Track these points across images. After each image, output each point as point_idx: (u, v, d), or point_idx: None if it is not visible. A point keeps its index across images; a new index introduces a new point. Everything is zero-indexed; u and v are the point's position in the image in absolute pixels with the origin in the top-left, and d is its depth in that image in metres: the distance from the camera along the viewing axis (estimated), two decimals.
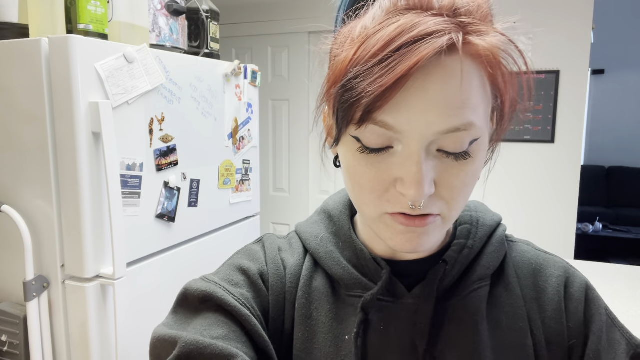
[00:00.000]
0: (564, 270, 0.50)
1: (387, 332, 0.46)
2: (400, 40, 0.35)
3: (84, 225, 1.17)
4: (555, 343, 0.47)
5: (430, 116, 0.36)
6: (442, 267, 0.47)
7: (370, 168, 0.39)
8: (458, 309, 0.46)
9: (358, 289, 0.48)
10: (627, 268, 1.74)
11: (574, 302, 0.48)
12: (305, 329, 0.48)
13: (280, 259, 0.52)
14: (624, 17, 4.92)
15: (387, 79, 0.34)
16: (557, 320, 0.47)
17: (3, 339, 1.22)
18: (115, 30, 1.33)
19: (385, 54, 0.35)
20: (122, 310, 1.24)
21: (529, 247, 0.53)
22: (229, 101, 1.73)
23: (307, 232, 0.54)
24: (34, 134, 1.17)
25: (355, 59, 0.36)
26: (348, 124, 0.38)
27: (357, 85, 0.35)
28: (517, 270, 0.50)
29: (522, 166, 2.72)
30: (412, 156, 0.37)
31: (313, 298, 0.49)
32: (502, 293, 0.48)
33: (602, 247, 4.29)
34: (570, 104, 2.59)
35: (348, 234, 0.51)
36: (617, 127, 5.11)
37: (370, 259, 0.48)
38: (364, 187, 0.40)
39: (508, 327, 0.46)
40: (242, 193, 1.85)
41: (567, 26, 2.54)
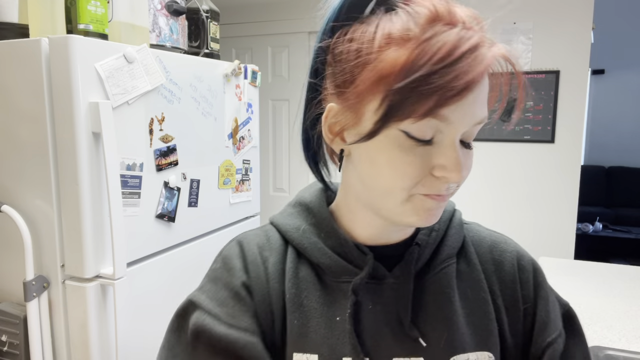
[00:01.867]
0: (514, 246, 0.59)
1: (375, 310, 0.52)
2: (463, 47, 0.40)
3: (84, 225, 1.17)
4: (512, 308, 0.55)
5: (474, 110, 0.43)
6: (416, 249, 0.54)
7: (417, 157, 0.44)
8: (433, 284, 0.53)
9: (345, 275, 0.52)
10: (627, 268, 1.74)
11: (526, 273, 0.57)
12: (299, 316, 0.52)
13: (260, 260, 0.55)
14: (624, 17, 4.92)
15: (469, 77, 0.39)
16: (513, 289, 0.56)
17: (3, 339, 1.22)
18: (115, 30, 1.33)
19: (454, 58, 0.39)
20: (122, 310, 1.24)
21: (481, 227, 0.61)
22: (229, 101, 1.73)
23: (286, 225, 0.57)
24: (34, 134, 1.17)
25: (417, 59, 0.40)
26: (406, 116, 0.41)
27: (435, 81, 0.39)
28: (476, 248, 0.58)
29: (522, 166, 2.72)
30: (453, 145, 0.44)
31: (302, 287, 0.53)
32: (465, 268, 0.56)
33: (602, 247, 4.29)
34: (570, 104, 2.59)
35: (330, 225, 0.55)
36: (617, 127, 5.11)
37: (353, 247, 0.53)
38: (408, 174, 0.44)
39: (473, 298, 0.54)
40: (242, 193, 1.85)
41: (567, 26, 2.54)
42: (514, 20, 2.65)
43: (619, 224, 4.51)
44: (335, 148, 0.51)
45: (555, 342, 0.54)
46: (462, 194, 2.88)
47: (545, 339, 0.54)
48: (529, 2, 2.61)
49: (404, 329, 0.51)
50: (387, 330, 0.51)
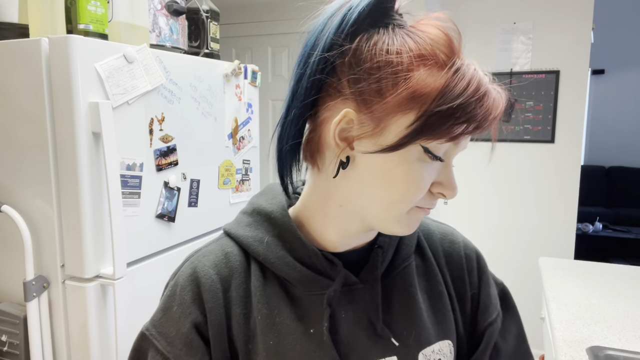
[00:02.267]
0: (460, 236, 0.63)
1: (349, 317, 0.53)
2: (485, 84, 0.45)
3: (84, 225, 1.17)
4: (462, 296, 0.59)
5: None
6: (380, 252, 0.55)
7: (429, 173, 0.47)
8: (397, 284, 0.56)
9: (316, 287, 0.52)
10: (627, 268, 1.74)
11: (471, 261, 0.61)
12: (274, 336, 0.51)
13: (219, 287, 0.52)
14: (624, 17, 4.92)
15: (496, 112, 0.45)
16: (461, 277, 0.60)
17: (3, 339, 1.22)
18: (115, 30, 1.33)
19: (482, 93, 0.44)
20: (122, 310, 1.23)
21: (428, 220, 0.64)
22: (229, 101, 1.73)
23: (247, 237, 0.54)
24: (34, 134, 1.17)
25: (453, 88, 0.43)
26: (435, 137, 0.44)
27: (471, 111, 0.43)
28: (428, 242, 0.61)
29: (522, 166, 2.72)
30: (449, 165, 0.48)
31: (272, 305, 0.52)
32: (421, 263, 0.59)
33: (602, 247, 4.29)
34: (570, 104, 2.59)
35: (296, 236, 0.53)
36: (617, 127, 5.11)
37: (322, 258, 0.52)
38: (422, 189, 0.47)
39: (432, 291, 0.58)
40: (242, 193, 1.85)
41: (567, 26, 2.54)
42: (514, 20, 2.65)
43: (619, 224, 4.51)
44: (341, 154, 0.48)
45: (495, 322, 0.59)
46: (462, 194, 2.88)
47: (487, 320, 0.59)
48: (529, 2, 2.61)
49: (377, 331, 0.53)
50: (361, 334, 0.52)
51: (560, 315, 1.33)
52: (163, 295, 0.55)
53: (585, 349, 1.14)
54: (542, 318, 1.68)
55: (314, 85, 0.48)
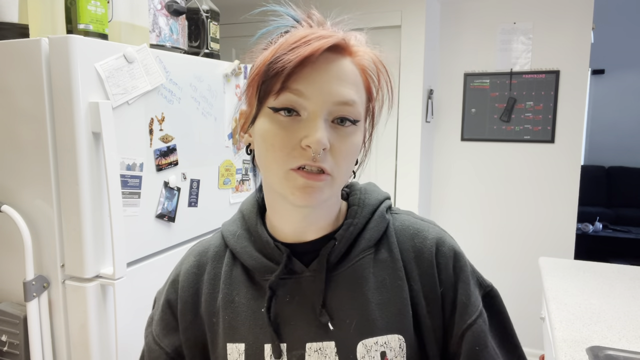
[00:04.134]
0: (436, 233, 0.62)
1: (292, 302, 0.59)
2: (309, 36, 0.51)
3: (84, 225, 1.17)
4: (430, 292, 0.59)
5: (329, 88, 0.51)
6: (332, 244, 0.59)
7: (282, 130, 0.52)
8: (347, 275, 0.59)
9: (268, 273, 0.60)
10: (627, 268, 1.74)
11: (444, 259, 0.60)
12: (230, 312, 0.60)
13: (195, 270, 0.65)
14: (624, 17, 4.92)
15: (301, 51, 0.50)
16: (431, 274, 0.60)
17: (3, 339, 1.22)
18: (115, 30, 1.33)
19: (301, 42, 0.51)
20: (122, 310, 1.24)
21: (409, 217, 0.65)
22: (229, 101, 1.73)
23: (227, 231, 0.65)
24: (34, 134, 1.17)
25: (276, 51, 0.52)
26: (269, 94, 0.52)
27: (278, 61, 0.50)
28: (398, 237, 0.62)
29: (522, 166, 2.72)
30: (315, 119, 0.51)
31: (234, 286, 0.61)
32: (387, 257, 0.60)
33: (602, 247, 4.29)
34: (570, 104, 2.59)
35: (256, 229, 0.62)
36: (617, 127, 5.11)
37: (273, 247, 0.60)
38: (276, 145, 0.52)
39: (390, 285, 0.59)
40: (242, 193, 1.85)
41: (567, 26, 2.54)
42: (514, 20, 2.65)
43: (619, 224, 4.51)
44: (245, 143, 0.60)
45: (475, 323, 0.58)
46: (463, 194, 2.88)
47: (466, 321, 0.58)
48: (529, 2, 2.61)
49: (316, 316, 0.57)
50: (303, 318, 0.58)
51: (560, 315, 1.33)
52: None
53: (585, 349, 1.14)
54: (542, 318, 1.68)
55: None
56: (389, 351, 0.56)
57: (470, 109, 2.80)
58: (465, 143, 2.85)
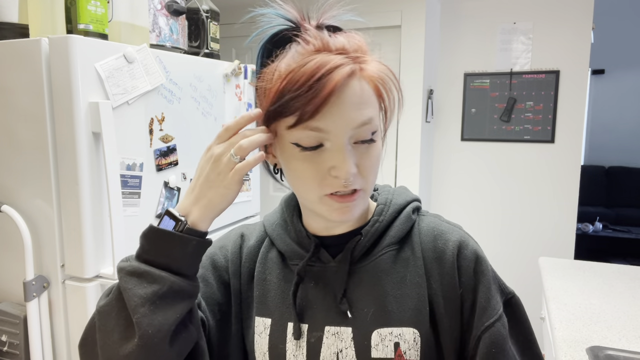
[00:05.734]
0: (459, 236, 0.64)
1: (316, 287, 0.64)
2: (319, 72, 0.52)
3: (84, 225, 1.17)
4: (449, 292, 0.61)
5: (347, 117, 0.53)
6: (357, 239, 0.63)
7: (310, 163, 0.55)
8: (369, 268, 0.63)
9: (297, 259, 0.65)
10: (627, 268, 1.74)
11: (466, 261, 0.62)
12: (262, 288, 0.67)
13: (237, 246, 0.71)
14: (624, 17, 4.92)
15: (317, 100, 0.51)
16: (451, 275, 0.62)
17: (3, 339, 1.22)
18: (115, 30, 1.33)
19: (310, 83, 0.52)
20: None
21: (435, 219, 0.68)
22: (229, 101, 1.73)
23: (268, 220, 0.72)
24: (34, 134, 1.17)
25: (284, 88, 0.53)
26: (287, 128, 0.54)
27: (294, 101, 0.52)
28: (422, 237, 0.65)
29: (522, 166, 2.72)
30: (339, 148, 0.54)
31: (267, 266, 0.68)
32: (409, 255, 0.64)
33: (602, 247, 4.29)
34: (570, 104, 2.59)
35: (292, 220, 0.68)
36: (617, 127, 5.11)
37: (305, 236, 0.65)
38: (307, 178, 0.56)
39: (410, 281, 0.62)
40: (242, 193, 1.85)
41: (567, 26, 2.54)
42: (514, 20, 2.65)
43: (619, 224, 4.51)
44: (270, 162, 0.65)
45: (493, 325, 0.59)
46: (463, 194, 2.88)
47: (484, 323, 0.60)
48: (529, 2, 2.61)
49: (337, 303, 0.62)
50: (324, 304, 0.63)
51: (560, 315, 1.33)
52: None
53: (585, 349, 1.14)
54: (542, 318, 1.68)
55: None
56: (402, 343, 0.59)
57: (470, 109, 2.80)
58: (465, 143, 2.85)
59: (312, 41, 0.55)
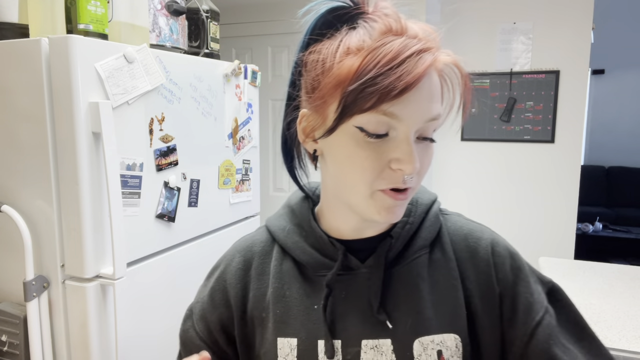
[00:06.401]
0: (489, 234, 0.62)
1: (348, 298, 0.58)
2: (406, 53, 0.47)
3: (84, 225, 1.17)
4: (487, 292, 0.58)
5: (423, 107, 0.49)
6: (389, 241, 0.59)
7: (372, 152, 0.49)
8: (403, 273, 0.58)
9: (323, 269, 0.59)
10: (627, 268, 1.74)
11: (501, 258, 0.59)
12: (282, 306, 0.60)
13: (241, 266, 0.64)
14: (624, 17, 4.92)
15: (409, 77, 0.46)
16: (487, 273, 0.59)
17: (3, 339, 1.22)
18: (115, 30, 1.33)
19: (399, 61, 0.46)
20: (122, 310, 1.23)
21: (460, 218, 0.65)
22: (229, 101, 1.73)
23: (274, 226, 0.65)
24: (34, 134, 1.17)
25: (366, 65, 0.47)
26: (355, 113, 0.48)
27: (379, 82, 0.46)
28: (451, 237, 0.61)
29: (522, 166, 2.72)
30: (407, 139, 0.49)
31: (284, 280, 0.61)
32: (440, 257, 0.60)
33: (602, 247, 4.29)
34: (570, 104, 2.59)
35: (309, 224, 0.62)
36: (617, 127, 5.11)
37: (328, 243, 0.59)
38: (366, 168, 0.50)
39: (444, 285, 0.58)
40: (242, 193, 1.85)
41: (567, 26, 2.54)
42: (514, 20, 2.65)
43: (619, 224, 4.51)
44: (308, 148, 0.58)
45: (543, 319, 0.56)
46: (463, 194, 2.88)
47: (534, 318, 0.56)
48: (529, 2, 2.61)
49: (373, 314, 0.56)
50: (358, 315, 0.57)
51: None
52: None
53: None
54: None
55: (288, 99, 0.59)
56: (445, 350, 0.56)
57: (470, 109, 2.80)
58: (465, 143, 2.85)
59: (390, 21, 0.50)
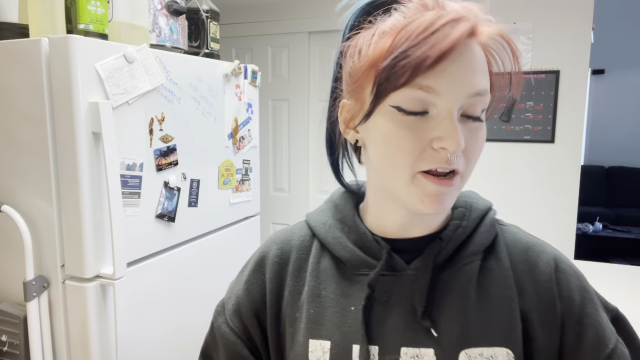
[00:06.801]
0: (552, 249, 0.58)
1: (389, 301, 0.54)
2: (439, 22, 0.44)
3: (84, 225, 1.17)
4: (546, 308, 0.54)
5: (463, 80, 0.45)
6: (438, 243, 0.55)
7: (410, 131, 0.46)
8: (452, 279, 0.54)
9: (364, 267, 0.56)
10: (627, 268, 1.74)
11: (565, 275, 0.56)
12: (316, 306, 0.56)
13: (277, 260, 0.61)
14: (624, 17, 4.92)
15: (443, 44, 0.43)
16: (549, 289, 0.54)
17: (3, 339, 1.22)
18: (115, 30, 1.33)
19: (431, 31, 0.43)
20: (122, 310, 1.23)
21: (519, 230, 0.61)
22: (229, 101, 1.73)
23: (315, 220, 0.62)
24: (34, 134, 1.17)
25: (398, 41, 0.45)
26: (390, 91, 0.46)
27: (412, 53, 0.43)
28: (509, 248, 0.58)
29: (522, 166, 2.72)
30: (449, 115, 0.45)
31: (321, 279, 0.58)
32: (494, 266, 0.56)
33: (602, 247, 4.29)
34: (570, 104, 2.59)
35: (353, 220, 0.59)
36: (617, 127, 5.11)
37: (372, 240, 0.56)
38: (405, 148, 0.47)
39: (497, 295, 0.54)
40: (242, 193, 1.85)
41: (567, 26, 2.54)
42: (514, 20, 2.65)
43: (619, 224, 4.51)
44: (350, 139, 0.56)
45: (616, 348, 0.53)
46: None
47: (607, 346, 0.53)
48: (529, 2, 2.61)
49: (417, 320, 0.52)
50: (399, 320, 0.53)
51: None
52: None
53: None
54: None
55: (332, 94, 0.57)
56: None
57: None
58: None
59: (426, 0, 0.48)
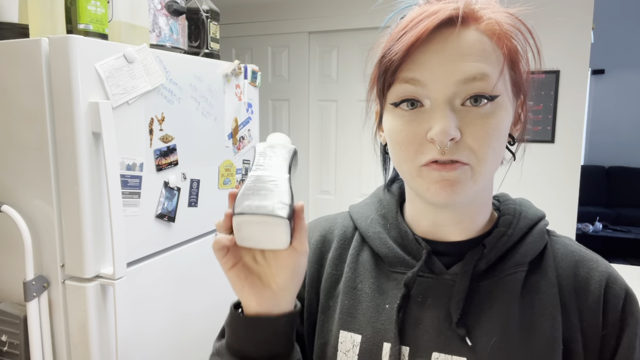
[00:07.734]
0: (606, 267, 0.54)
1: (425, 303, 0.53)
2: (419, 17, 0.46)
3: (84, 225, 1.17)
4: (590, 330, 0.51)
5: (449, 68, 0.46)
6: (481, 250, 0.53)
7: (407, 125, 0.48)
8: (493, 288, 0.52)
9: (401, 265, 0.55)
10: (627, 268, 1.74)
11: (615, 298, 0.52)
12: (351, 298, 0.56)
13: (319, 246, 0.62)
14: (624, 17, 4.92)
15: (410, 37, 0.46)
16: (595, 310, 0.51)
17: (3, 339, 1.22)
18: (115, 30, 1.33)
19: (410, 26, 0.46)
20: (122, 310, 1.23)
21: (572, 242, 0.58)
22: (229, 101, 1.73)
23: (358, 213, 0.62)
24: (34, 134, 1.17)
25: (387, 41, 0.48)
26: (387, 89, 0.49)
27: (389, 54, 0.47)
28: (557, 261, 0.54)
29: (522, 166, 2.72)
30: (438, 106, 0.46)
31: (359, 272, 0.57)
32: (539, 280, 0.52)
33: (602, 247, 4.29)
34: (570, 104, 2.59)
35: (395, 217, 0.58)
36: (617, 127, 5.11)
37: (412, 239, 0.55)
38: (402, 143, 0.48)
39: (540, 311, 0.51)
40: None
41: (567, 26, 2.54)
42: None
43: (619, 224, 4.51)
44: (382, 141, 0.58)
45: None
46: None
47: None
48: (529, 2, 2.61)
49: (451, 326, 0.51)
50: (433, 324, 0.52)
51: None
52: None
53: None
54: None
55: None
56: None
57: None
58: None
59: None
